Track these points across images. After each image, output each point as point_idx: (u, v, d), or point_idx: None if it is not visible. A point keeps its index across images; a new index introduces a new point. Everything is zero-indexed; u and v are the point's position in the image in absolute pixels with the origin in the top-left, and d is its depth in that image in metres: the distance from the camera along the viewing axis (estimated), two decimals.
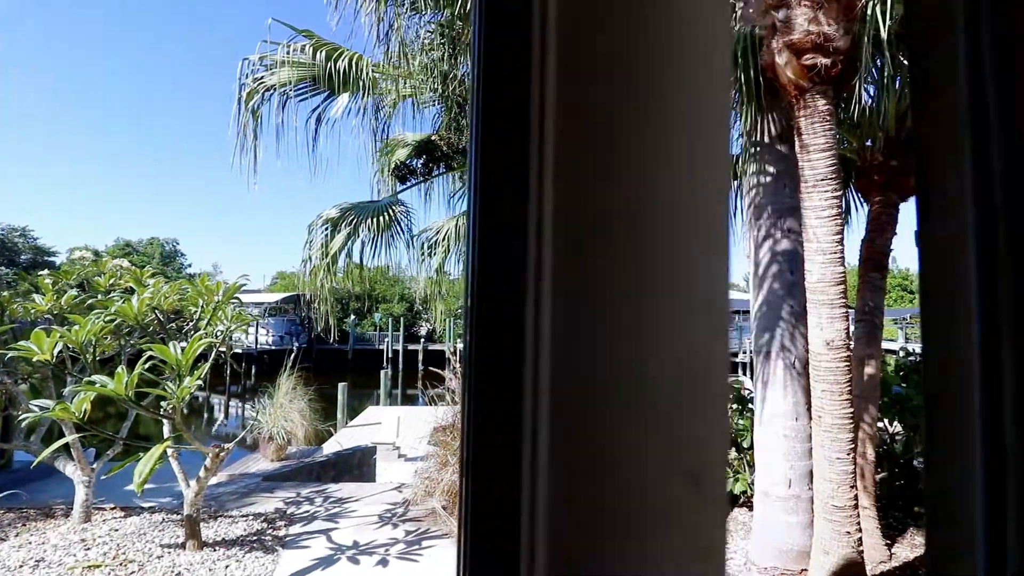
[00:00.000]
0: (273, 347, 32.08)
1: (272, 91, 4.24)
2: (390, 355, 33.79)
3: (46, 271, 4.77)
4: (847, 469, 2.58)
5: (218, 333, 4.03)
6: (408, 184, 4.73)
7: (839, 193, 2.63)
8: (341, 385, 13.87)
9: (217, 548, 3.44)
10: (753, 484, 3.90)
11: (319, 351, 33.80)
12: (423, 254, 5.52)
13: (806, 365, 3.02)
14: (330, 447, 10.07)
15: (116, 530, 3.74)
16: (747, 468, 4.08)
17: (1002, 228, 0.30)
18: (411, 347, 34.67)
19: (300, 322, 35.19)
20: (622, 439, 0.28)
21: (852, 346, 3.10)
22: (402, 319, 33.82)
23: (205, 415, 26.86)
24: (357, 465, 6.54)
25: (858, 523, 2.62)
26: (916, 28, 0.38)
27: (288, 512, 4.31)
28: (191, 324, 4.29)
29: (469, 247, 0.30)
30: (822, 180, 2.61)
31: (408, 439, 11.59)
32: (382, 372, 17.27)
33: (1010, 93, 0.30)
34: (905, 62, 2.81)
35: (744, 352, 31.66)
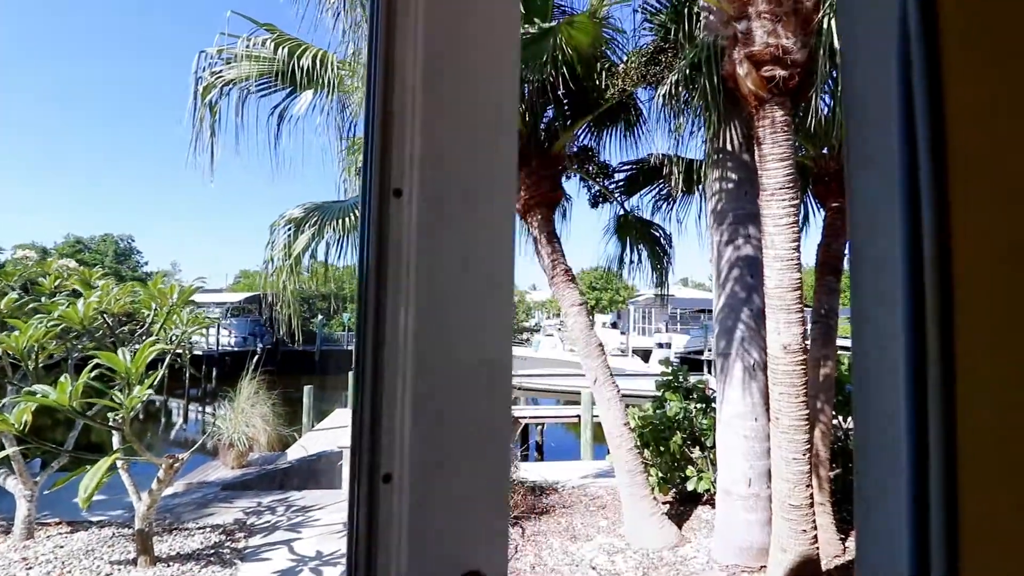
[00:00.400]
0: (236, 348, 31.08)
1: (231, 86, 4.09)
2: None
3: None
4: (803, 469, 2.67)
5: (173, 338, 3.87)
6: None
7: (796, 202, 2.72)
8: (307, 387, 13.54)
9: (171, 563, 3.30)
10: (716, 483, 4.00)
11: (284, 352, 32.93)
12: None
13: (765, 367, 3.10)
14: (295, 452, 9.81)
15: (61, 547, 3.54)
16: (710, 467, 4.18)
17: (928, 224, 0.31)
18: None
19: (264, 323, 34.19)
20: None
21: (808, 348, 3.21)
22: None
23: (163, 420, 25.76)
24: (322, 471, 6.39)
25: (814, 521, 2.72)
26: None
27: (248, 523, 4.18)
28: (143, 328, 4.11)
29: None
30: (780, 189, 2.68)
31: None
32: (350, 373, 16.92)
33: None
34: None
35: (709, 351, 32.61)
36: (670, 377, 4.78)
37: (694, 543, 3.63)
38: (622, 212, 5.30)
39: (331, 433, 12.55)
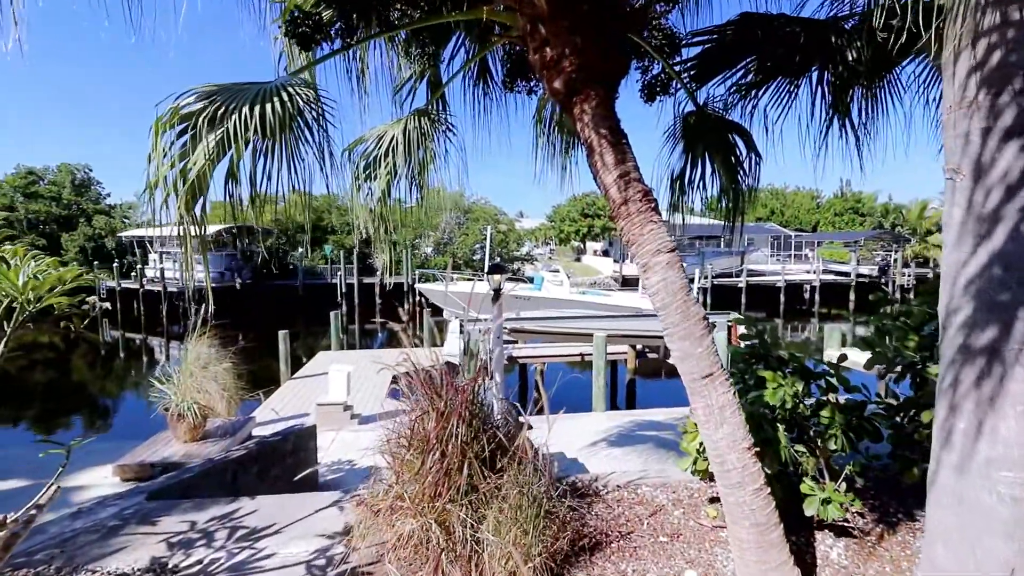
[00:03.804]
0: (215, 285, 29.40)
1: None
2: (344, 290, 31.82)
3: None
4: None
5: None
6: (319, 54, 2.94)
7: None
8: (281, 333, 12.20)
9: None
10: (849, 506, 2.77)
11: (265, 288, 31.41)
12: (360, 176, 3.82)
13: None
14: (263, 415, 8.63)
15: None
16: (826, 476, 2.94)
17: None
18: (367, 280, 32.76)
19: (241, 255, 32.35)
20: None
21: None
22: (355, 251, 31.53)
23: (145, 359, 24.80)
24: (291, 452, 5.14)
25: None
26: None
27: (169, 565, 2.91)
28: None
29: None
30: None
31: (362, 394, 10.27)
32: (332, 314, 15.60)
33: None
34: None
35: (737, 275, 31.51)
36: (755, 342, 3.42)
37: None
38: (693, 107, 3.68)
39: (311, 383, 11.40)
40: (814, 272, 33.08)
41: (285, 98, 2.41)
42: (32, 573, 2.81)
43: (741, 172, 3.89)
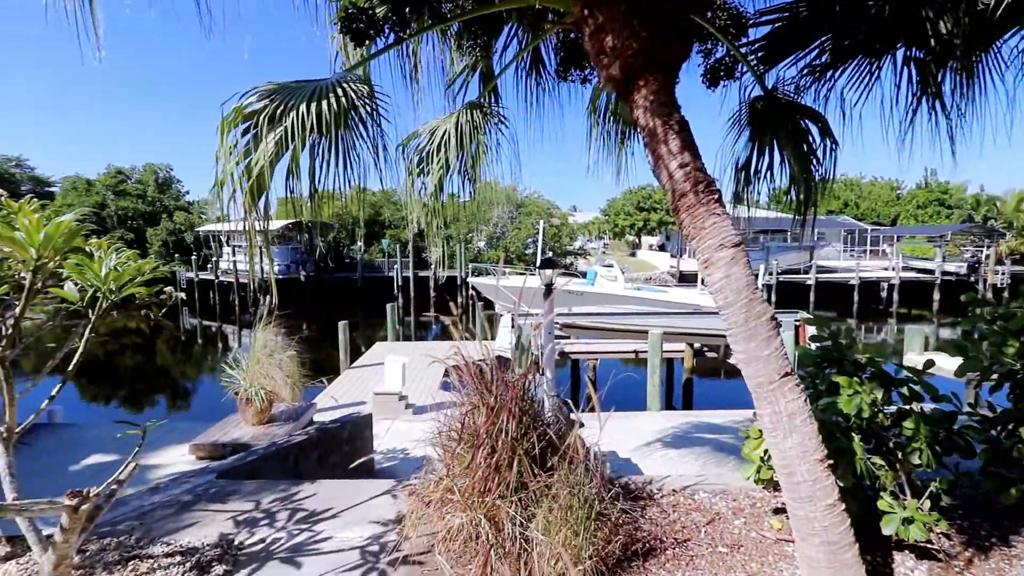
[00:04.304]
0: (280, 276, 31.08)
1: None
2: (400, 283, 32.75)
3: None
4: None
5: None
6: (373, 49, 2.97)
7: None
8: (341, 324, 12.70)
9: None
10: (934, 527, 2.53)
11: (326, 280, 32.85)
12: (413, 171, 3.86)
13: None
14: (324, 401, 9.00)
15: None
16: (907, 493, 2.69)
17: None
18: (422, 273, 33.55)
19: (305, 249, 33.97)
20: None
21: None
22: (410, 245, 32.34)
23: (219, 345, 26.65)
24: (348, 439, 5.32)
25: None
26: None
27: (235, 542, 3.07)
28: None
29: None
30: None
31: (417, 384, 10.51)
32: (388, 306, 16.06)
33: None
34: None
35: (805, 272, 29.81)
36: (827, 344, 3.17)
37: None
38: (760, 92, 3.44)
39: (368, 372, 11.80)
40: (892, 269, 30.67)
41: (340, 95, 2.45)
42: (115, 542, 3.05)
43: (814, 161, 3.61)
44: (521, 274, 24.64)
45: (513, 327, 10.68)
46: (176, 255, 33.90)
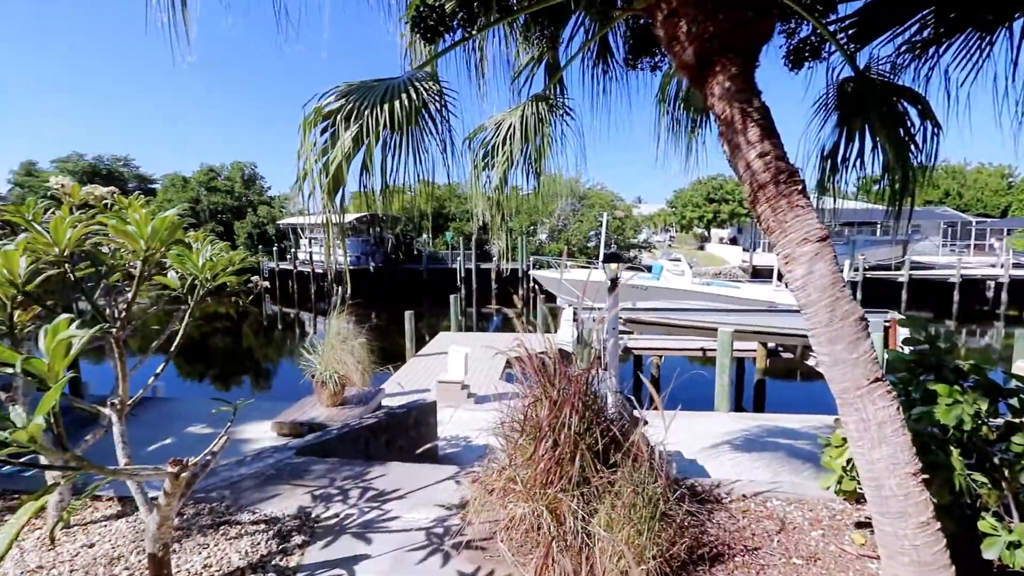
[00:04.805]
0: (351, 267, 32.66)
1: None
2: (463, 274, 33.40)
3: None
4: None
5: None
6: (442, 46, 3.03)
7: None
8: (407, 313, 13.16)
9: None
10: None
11: (394, 271, 34.13)
12: (478, 165, 3.90)
13: None
14: (391, 386, 9.38)
15: (90, 547, 2.86)
16: (1016, 516, 2.41)
17: None
18: (484, 265, 34.05)
19: (375, 241, 35.42)
20: None
21: None
22: (473, 237, 32.87)
23: (297, 330, 28.49)
24: (414, 424, 5.52)
25: None
26: None
27: (312, 515, 3.29)
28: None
29: None
30: None
31: (478, 374, 10.71)
32: (452, 297, 16.44)
33: None
34: None
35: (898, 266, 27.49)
36: (924, 348, 2.89)
37: None
38: (850, 72, 3.18)
39: (432, 361, 12.15)
40: (1001, 266, 27.45)
41: (413, 93, 2.52)
42: (208, 508, 3.35)
43: (912, 147, 3.29)
44: (583, 267, 24.37)
45: (575, 321, 10.60)
46: (260, 246, 36.50)
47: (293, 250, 34.74)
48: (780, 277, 20.10)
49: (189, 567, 2.69)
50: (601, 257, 22.06)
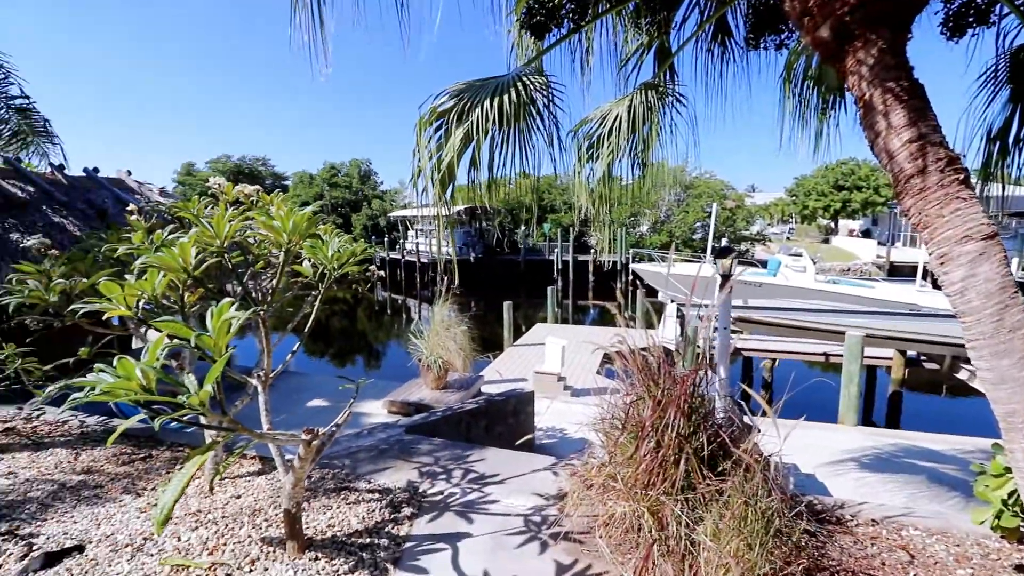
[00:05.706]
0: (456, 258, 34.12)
1: None
2: (559, 266, 33.40)
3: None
4: None
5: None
6: (550, 40, 3.03)
7: None
8: (506, 303, 13.48)
9: (319, 555, 2.72)
10: None
11: (493, 262, 35.08)
12: (582, 157, 3.87)
13: None
14: (490, 374, 9.67)
15: (237, 498, 3.33)
16: None
17: None
18: (581, 258, 33.75)
19: (476, 233, 36.61)
20: None
21: None
22: (572, 229, 32.68)
23: (404, 316, 30.48)
24: (512, 412, 5.67)
25: None
26: None
27: (420, 490, 3.53)
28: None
29: None
30: None
31: (574, 367, 10.69)
32: (549, 289, 16.53)
33: None
34: None
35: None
36: None
37: None
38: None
39: (529, 351, 12.34)
40: None
41: (520, 89, 2.56)
42: (331, 474, 3.73)
43: None
44: (688, 261, 23.17)
45: (679, 317, 10.13)
46: (373, 237, 39.44)
47: (402, 241, 37.11)
48: (925, 275, 17.48)
49: (316, 524, 3.01)
50: (708, 250, 20.73)
